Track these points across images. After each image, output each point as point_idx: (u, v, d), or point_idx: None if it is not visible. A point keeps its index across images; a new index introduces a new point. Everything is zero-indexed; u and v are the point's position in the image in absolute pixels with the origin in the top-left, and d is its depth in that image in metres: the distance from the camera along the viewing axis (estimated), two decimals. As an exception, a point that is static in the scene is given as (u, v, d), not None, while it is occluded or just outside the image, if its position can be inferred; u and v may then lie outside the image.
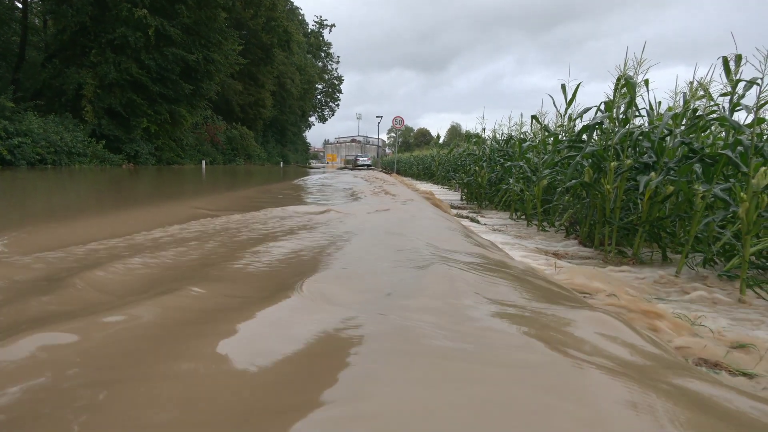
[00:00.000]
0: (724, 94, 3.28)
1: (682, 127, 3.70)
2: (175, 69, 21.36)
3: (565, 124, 5.96)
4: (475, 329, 1.14)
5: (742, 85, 3.16)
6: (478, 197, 8.90)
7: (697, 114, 3.62)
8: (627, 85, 3.90)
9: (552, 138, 6.02)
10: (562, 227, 5.17)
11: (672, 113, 3.80)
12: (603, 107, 4.34)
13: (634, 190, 3.96)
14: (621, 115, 4.11)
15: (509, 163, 7.32)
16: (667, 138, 3.74)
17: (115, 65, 19.71)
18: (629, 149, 3.98)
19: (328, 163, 66.00)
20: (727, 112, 3.24)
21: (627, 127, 4.01)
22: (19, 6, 21.67)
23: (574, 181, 4.44)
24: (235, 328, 1.12)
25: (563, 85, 5.28)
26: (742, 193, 2.78)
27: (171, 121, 22.97)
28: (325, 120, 73.31)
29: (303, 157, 65.28)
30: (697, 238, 3.46)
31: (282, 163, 47.34)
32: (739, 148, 3.00)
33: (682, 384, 0.98)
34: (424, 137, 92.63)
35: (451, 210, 6.98)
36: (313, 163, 70.34)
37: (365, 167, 40.24)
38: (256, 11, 32.91)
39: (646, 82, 4.04)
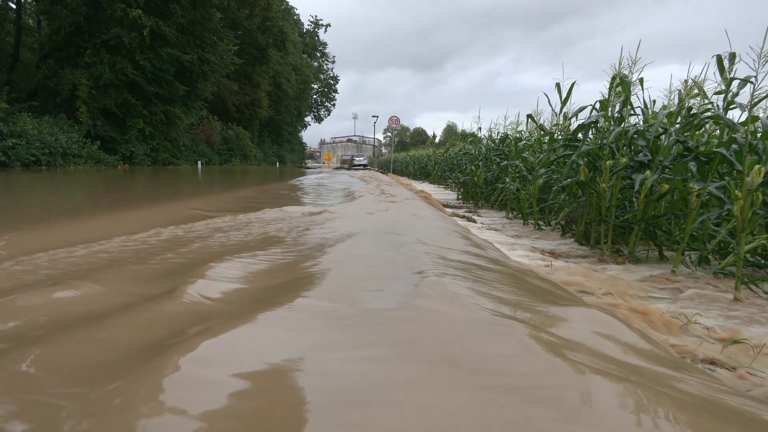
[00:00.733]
0: (719, 93, 3.29)
1: (677, 126, 3.71)
2: (170, 69, 21.29)
3: (560, 122, 5.97)
4: (469, 327, 1.14)
5: (736, 83, 3.17)
6: (475, 196, 8.91)
7: (691, 112, 3.63)
8: (622, 84, 3.91)
9: (548, 137, 6.03)
10: (558, 226, 5.18)
11: (667, 112, 3.81)
12: (598, 106, 4.35)
13: (629, 188, 3.97)
14: (616, 114, 4.11)
15: (505, 162, 7.33)
16: (662, 136, 3.75)
17: (110, 66, 19.64)
18: (624, 148, 3.99)
19: (324, 163, 65.86)
20: (722, 111, 3.26)
21: (622, 125, 4.01)
22: (13, 6, 21.58)
23: (569, 179, 4.45)
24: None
25: (558, 84, 5.29)
26: (736, 191, 2.79)
27: (166, 121, 22.90)
28: (321, 120, 73.39)
29: (299, 157, 65.18)
30: (693, 236, 3.47)
31: (278, 163, 47.26)
32: (734, 146, 3.02)
33: (677, 382, 0.98)
34: (420, 137, 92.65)
35: (446, 210, 6.99)
36: (310, 163, 70.24)
37: (361, 167, 40.19)
38: (251, 11, 32.87)
39: (641, 80, 4.05)
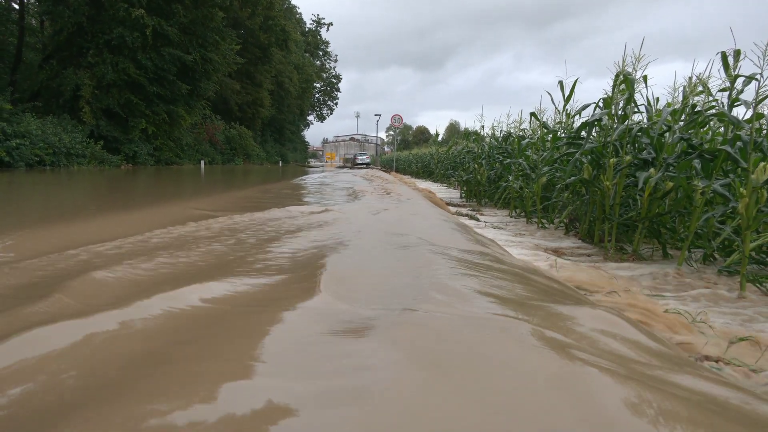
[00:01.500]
0: (723, 90, 3.28)
1: (681, 123, 3.70)
2: (172, 69, 21.32)
3: (563, 120, 5.96)
4: (474, 327, 1.14)
5: (741, 80, 3.16)
6: (478, 195, 8.91)
7: (695, 110, 3.62)
8: (625, 82, 3.90)
9: (551, 135, 6.02)
10: (562, 224, 5.17)
11: (671, 109, 3.80)
12: (602, 104, 4.34)
13: (633, 186, 3.96)
14: (620, 112, 4.11)
15: (508, 160, 7.32)
16: (666, 134, 3.74)
17: (113, 66, 19.68)
18: (628, 146, 3.98)
19: (326, 161, 65.93)
20: (726, 108, 3.24)
21: (626, 123, 4.00)
22: (16, 7, 21.64)
23: (573, 178, 4.44)
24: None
25: (561, 82, 5.29)
26: (741, 189, 2.78)
27: (169, 121, 22.94)
28: (324, 119, 73.42)
29: (302, 156, 65.21)
30: (697, 234, 3.47)
31: (281, 162, 47.31)
32: (738, 144, 3.01)
33: (684, 380, 0.98)
34: (422, 135, 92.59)
35: (450, 208, 6.99)
36: (312, 162, 70.29)
37: (364, 166, 40.21)
38: (254, 10, 32.85)
39: (645, 78, 4.04)
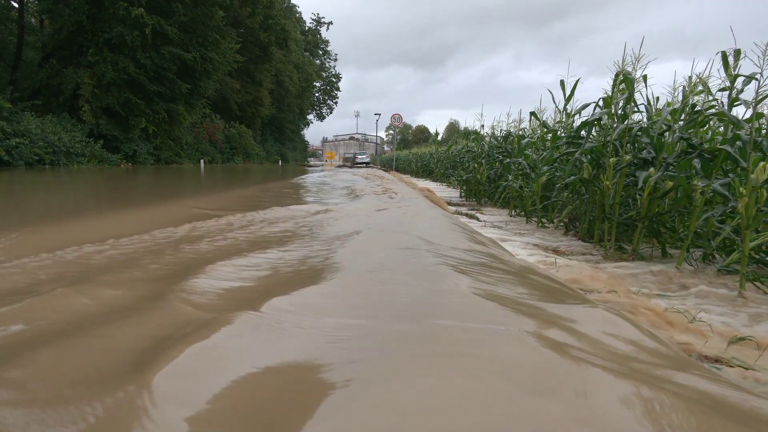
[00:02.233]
0: (723, 89, 3.28)
1: (681, 123, 3.71)
2: (172, 68, 21.30)
3: (563, 120, 5.96)
4: (473, 326, 1.14)
5: (740, 80, 3.16)
6: (477, 194, 8.91)
7: (695, 109, 3.62)
8: (625, 81, 3.90)
9: (551, 134, 6.02)
10: (562, 224, 5.17)
11: (670, 109, 3.80)
12: (601, 103, 4.34)
13: (633, 185, 3.96)
14: (619, 111, 4.11)
15: (508, 159, 7.33)
16: (666, 133, 3.75)
17: (113, 64, 19.66)
18: (628, 145, 3.98)
19: (326, 161, 65.93)
20: (726, 107, 3.25)
21: (626, 122, 4.01)
22: (15, 5, 21.62)
23: (573, 177, 4.45)
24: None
25: (562, 81, 5.28)
26: (741, 188, 2.78)
27: (169, 120, 22.93)
28: (324, 118, 73.28)
29: (302, 156, 65.20)
30: (697, 234, 3.47)
31: (280, 161, 47.29)
32: (738, 143, 3.01)
33: (683, 380, 0.98)
34: (422, 134, 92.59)
35: (449, 207, 6.99)
36: (312, 161, 70.26)
37: (364, 165, 40.20)
38: (254, 9, 32.82)
39: (644, 77, 4.04)
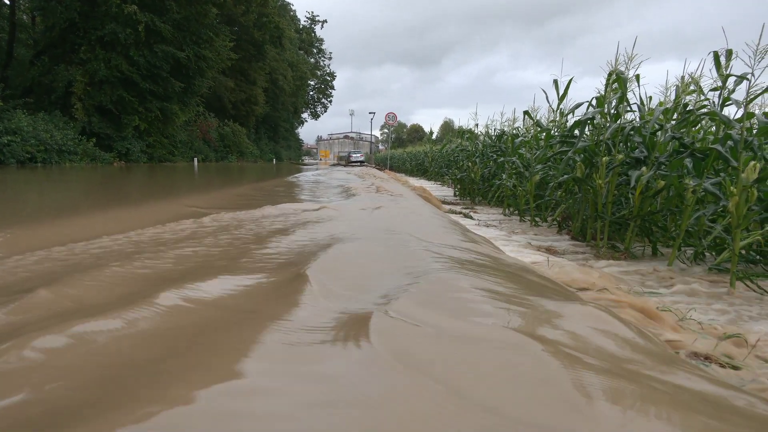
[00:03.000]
0: (715, 89, 3.31)
1: (673, 122, 3.73)
2: (165, 66, 21.21)
3: (557, 119, 5.98)
4: (464, 323, 1.14)
5: (732, 80, 3.18)
6: (471, 193, 8.92)
7: (687, 109, 3.64)
8: (618, 81, 3.92)
9: (544, 133, 6.04)
10: (555, 222, 5.19)
11: (663, 108, 3.82)
12: (595, 102, 4.36)
13: (625, 184, 3.98)
14: (612, 111, 4.13)
15: (502, 158, 7.34)
16: (658, 133, 3.76)
17: (105, 62, 19.55)
18: (621, 144, 4.00)
19: (321, 159, 65.82)
20: (718, 107, 3.27)
21: (618, 122, 4.02)
22: (7, 2, 21.44)
23: (566, 176, 4.46)
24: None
25: (555, 81, 5.30)
26: (732, 188, 2.80)
27: (162, 118, 22.83)
28: (318, 116, 73.06)
29: (296, 154, 65.06)
30: (688, 232, 3.49)
31: (275, 160, 47.17)
32: (729, 143, 3.03)
33: (671, 377, 0.98)
34: (417, 133, 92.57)
35: (443, 206, 6.99)
36: (306, 159, 70.07)
37: (358, 164, 40.17)
38: (247, 7, 32.71)
39: (637, 77, 4.06)
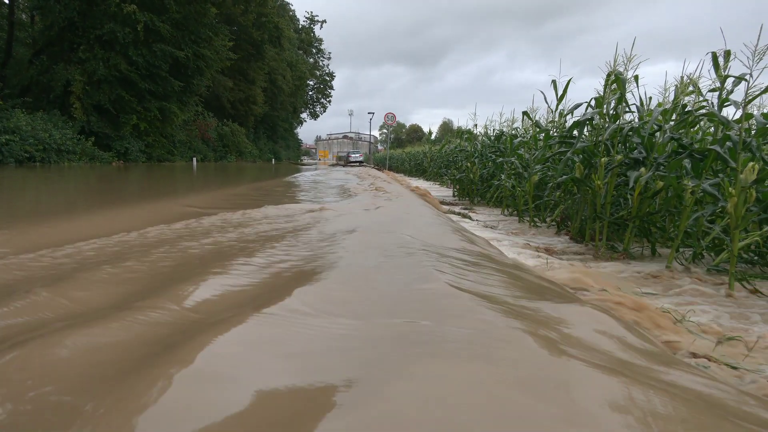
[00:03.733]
0: (713, 90, 3.31)
1: (672, 123, 3.73)
2: (164, 65, 21.16)
3: (556, 120, 5.98)
4: (462, 323, 1.14)
5: (730, 80, 3.18)
6: (470, 193, 8.92)
7: (686, 110, 3.64)
8: (617, 81, 3.92)
9: (543, 134, 6.04)
10: (554, 223, 5.19)
11: (661, 109, 3.82)
12: (593, 103, 4.36)
13: (624, 185, 3.98)
14: (611, 111, 4.13)
15: (501, 159, 7.34)
16: (657, 133, 3.77)
17: (104, 61, 19.50)
18: (619, 145, 4.00)
19: (320, 159, 65.71)
20: (716, 108, 3.27)
21: (617, 122, 4.02)
22: (6, 1, 21.39)
23: (564, 176, 4.46)
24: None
25: (554, 81, 5.29)
26: (730, 188, 2.80)
27: (161, 117, 22.79)
28: (317, 116, 73.00)
29: (294, 154, 64.98)
30: (687, 233, 3.49)
31: (273, 160, 47.12)
32: (728, 144, 3.03)
33: (670, 378, 0.98)
34: (416, 133, 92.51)
35: (442, 206, 6.99)
36: (305, 159, 69.97)
37: (357, 164, 40.16)
38: (247, 7, 32.67)
39: (636, 78, 4.07)
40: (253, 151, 41.26)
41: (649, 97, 4.45)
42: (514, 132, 7.88)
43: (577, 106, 4.88)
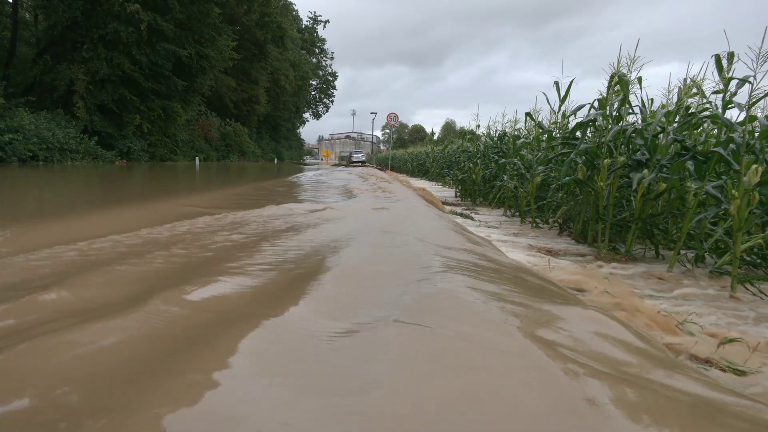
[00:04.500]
0: (717, 92, 3.30)
1: (675, 125, 3.72)
2: (167, 65, 21.19)
3: (558, 121, 5.97)
4: (463, 326, 1.14)
5: (734, 83, 3.18)
6: (473, 194, 8.92)
7: (689, 111, 3.64)
8: (620, 83, 3.92)
9: (546, 135, 6.03)
10: (556, 224, 5.19)
11: (665, 111, 3.82)
12: (597, 104, 4.35)
13: (627, 187, 3.98)
14: (614, 113, 4.12)
15: (503, 160, 7.34)
16: (660, 135, 3.76)
17: (107, 61, 19.53)
18: (622, 146, 4.00)
19: (322, 159, 65.80)
20: (720, 110, 3.26)
21: (620, 124, 4.02)
22: (10, 1, 21.45)
23: (567, 178, 4.46)
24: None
25: (557, 82, 5.29)
26: (733, 191, 2.80)
27: (164, 117, 22.81)
28: (320, 116, 73.10)
29: (297, 154, 65.02)
30: (689, 235, 3.49)
31: (276, 159, 47.15)
32: (731, 146, 3.03)
33: (672, 381, 0.99)
34: (418, 134, 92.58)
35: (445, 207, 6.99)
36: (308, 159, 70.01)
37: (360, 164, 40.18)
38: (250, 6, 32.71)
39: (639, 79, 4.06)
40: (255, 150, 41.28)
41: (651, 99, 4.45)
42: (516, 133, 7.88)
43: (580, 107, 4.88)
